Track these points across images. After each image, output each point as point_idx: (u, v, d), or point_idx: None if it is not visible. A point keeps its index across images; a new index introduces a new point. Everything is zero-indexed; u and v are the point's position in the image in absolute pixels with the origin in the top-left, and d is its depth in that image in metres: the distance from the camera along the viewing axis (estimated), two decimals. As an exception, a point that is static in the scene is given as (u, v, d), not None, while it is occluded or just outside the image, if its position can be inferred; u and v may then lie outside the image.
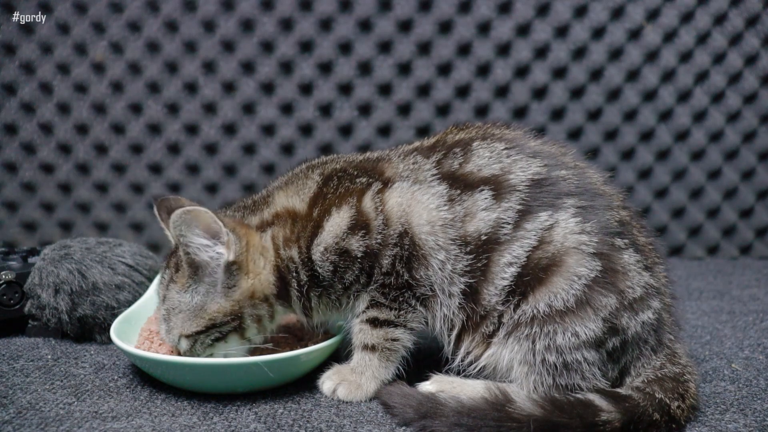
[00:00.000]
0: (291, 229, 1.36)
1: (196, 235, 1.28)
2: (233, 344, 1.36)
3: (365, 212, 1.33)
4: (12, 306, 1.71)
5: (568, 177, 1.31)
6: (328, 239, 1.33)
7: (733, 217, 2.83)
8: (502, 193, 1.29)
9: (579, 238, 1.26)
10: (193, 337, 1.33)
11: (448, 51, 2.67)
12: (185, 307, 1.33)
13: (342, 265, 1.33)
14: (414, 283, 1.32)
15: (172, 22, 2.60)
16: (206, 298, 1.32)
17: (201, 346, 1.34)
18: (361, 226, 1.32)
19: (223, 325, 1.33)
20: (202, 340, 1.34)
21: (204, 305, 1.32)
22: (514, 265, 1.27)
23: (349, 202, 1.34)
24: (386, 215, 1.32)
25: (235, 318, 1.33)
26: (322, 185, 1.39)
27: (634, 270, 1.27)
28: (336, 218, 1.33)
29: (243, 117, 2.68)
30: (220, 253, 1.30)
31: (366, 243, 1.31)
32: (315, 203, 1.37)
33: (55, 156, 2.67)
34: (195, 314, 1.32)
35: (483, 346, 1.32)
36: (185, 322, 1.33)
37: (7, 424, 1.23)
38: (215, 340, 1.34)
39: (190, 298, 1.33)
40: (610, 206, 1.31)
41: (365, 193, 1.35)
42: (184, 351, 1.35)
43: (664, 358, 1.32)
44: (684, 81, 2.72)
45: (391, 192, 1.34)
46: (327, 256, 1.33)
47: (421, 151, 1.41)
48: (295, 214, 1.37)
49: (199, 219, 1.28)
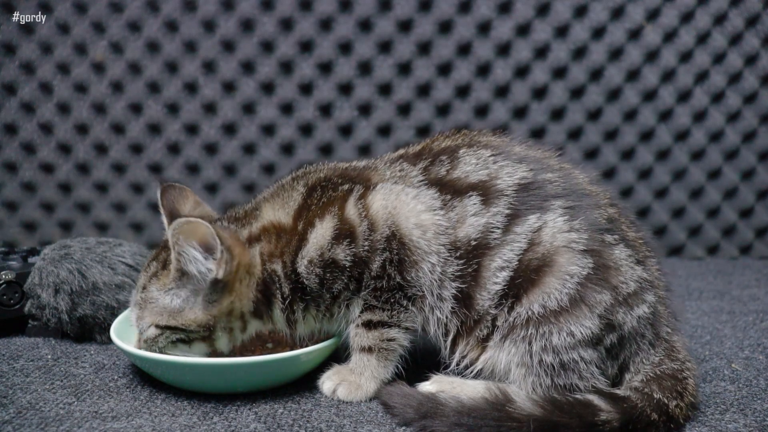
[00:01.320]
0: (275, 243, 1.36)
1: (191, 247, 1.28)
2: (196, 350, 1.37)
3: (349, 220, 1.32)
4: (12, 306, 1.71)
5: (554, 179, 1.32)
6: (311, 252, 1.32)
7: (733, 217, 2.83)
8: (490, 198, 1.30)
9: (568, 236, 1.26)
10: (163, 329, 1.34)
11: (448, 51, 2.67)
12: (161, 305, 1.34)
13: (329, 277, 1.32)
14: (405, 285, 1.32)
15: (172, 22, 2.60)
16: (185, 304, 1.33)
17: (165, 339, 1.35)
18: (345, 235, 1.31)
19: (192, 332, 1.34)
20: (168, 336, 1.34)
21: (181, 310, 1.33)
22: (506, 269, 1.27)
23: (332, 212, 1.33)
24: (371, 219, 1.31)
25: (206, 329, 1.34)
26: (307, 197, 1.38)
27: (626, 265, 1.27)
28: (320, 229, 1.33)
29: (243, 117, 2.68)
30: (210, 269, 1.30)
31: (353, 251, 1.31)
32: (300, 216, 1.36)
33: (55, 156, 2.67)
34: (171, 314, 1.33)
35: (478, 349, 1.32)
36: (158, 316, 1.34)
37: (7, 424, 1.23)
38: (179, 341, 1.35)
39: (169, 300, 1.34)
40: (597, 204, 1.31)
41: (347, 199, 1.34)
42: (147, 338, 1.35)
43: (662, 353, 1.32)
44: (684, 81, 2.72)
45: (375, 194, 1.34)
46: (312, 269, 1.32)
47: (407, 159, 1.41)
48: (281, 228, 1.37)
49: (197, 232, 1.28)
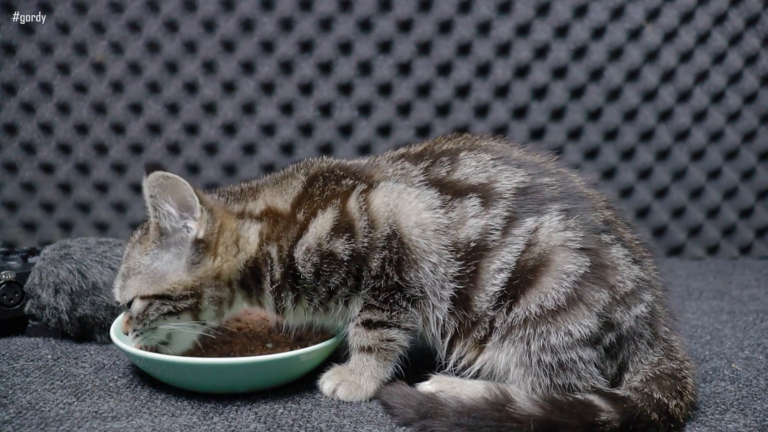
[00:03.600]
0: (273, 227, 1.37)
1: (166, 202, 1.30)
2: (184, 322, 1.35)
3: (349, 213, 1.32)
4: (12, 306, 1.71)
5: (551, 183, 1.33)
6: (310, 240, 1.32)
7: (733, 217, 2.83)
8: (489, 200, 1.30)
9: (564, 234, 1.26)
10: (149, 299, 1.32)
11: (448, 51, 2.67)
12: (144, 270, 1.33)
13: (326, 269, 1.32)
14: (404, 285, 1.32)
15: (172, 22, 2.60)
16: (168, 267, 1.33)
17: (154, 312, 1.32)
18: (345, 229, 1.31)
19: (180, 300, 1.32)
20: (157, 307, 1.32)
21: (165, 274, 1.32)
22: (504, 270, 1.27)
23: (334, 204, 1.34)
24: (371, 216, 1.32)
25: (194, 295, 1.33)
26: (307, 185, 1.39)
27: (623, 264, 1.28)
28: (320, 220, 1.33)
29: (243, 117, 2.68)
30: (190, 228, 1.31)
31: (352, 246, 1.31)
32: (299, 204, 1.37)
33: (55, 156, 2.67)
34: (154, 280, 1.32)
35: (476, 350, 1.32)
36: (143, 283, 1.33)
37: (7, 424, 1.23)
38: (168, 314, 1.33)
39: (149, 261, 1.33)
40: (594, 207, 1.32)
41: (350, 194, 1.35)
42: (137, 314, 1.33)
43: (661, 352, 1.33)
44: (684, 81, 2.72)
45: (377, 192, 1.34)
46: (309, 257, 1.32)
47: (409, 158, 1.41)
48: (278, 213, 1.37)
49: (176, 189, 1.30)
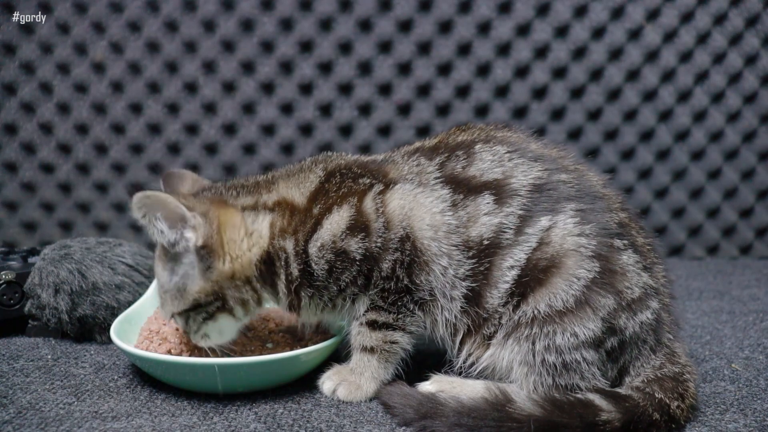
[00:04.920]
0: (288, 220, 1.35)
1: (157, 220, 1.28)
2: (224, 322, 1.37)
3: (365, 213, 1.32)
4: (12, 306, 1.71)
5: (568, 181, 1.31)
6: (325, 237, 1.32)
7: (733, 217, 2.83)
8: (503, 197, 1.29)
9: (578, 240, 1.25)
10: (184, 314, 1.35)
11: (448, 51, 2.67)
12: (169, 287, 1.35)
13: (339, 266, 1.32)
14: (413, 288, 1.31)
15: (172, 22, 2.60)
16: (186, 279, 1.33)
17: (194, 323, 1.36)
18: (360, 228, 1.31)
19: (208, 305, 1.34)
20: (193, 317, 1.35)
21: (186, 287, 1.33)
22: (515, 267, 1.27)
23: (350, 202, 1.33)
24: (387, 218, 1.31)
25: (217, 298, 1.33)
26: (325, 181, 1.38)
27: (632, 271, 1.27)
28: (336, 216, 1.32)
29: (243, 117, 2.68)
30: (189, 238, 1.30)
31: (365, 245, 1.30)
32: (315, 198, 1.36)
33: (55, 156, 2.67)
34: (181, 295, 1.33)
35: (483, 347, 1.32)
36: (174, 301, 1.34)
37: (7, 424, 1.23)
38: (205, 320, 1.35)
39: (168, 277, 1.34)
40: (609, 208, 1.31)
41: (367, 194, 1.34)
42: (184, 329, 1.38)
43: (663, 357, 1.32)
44: (684, 81, 2.72)
45: (393, 194, 1.33)
46: (323, 254, 1.32)
47: (424, 153, 1.40)
48: (294, 207, 1.37)
49: (161, 204, 1.27)
